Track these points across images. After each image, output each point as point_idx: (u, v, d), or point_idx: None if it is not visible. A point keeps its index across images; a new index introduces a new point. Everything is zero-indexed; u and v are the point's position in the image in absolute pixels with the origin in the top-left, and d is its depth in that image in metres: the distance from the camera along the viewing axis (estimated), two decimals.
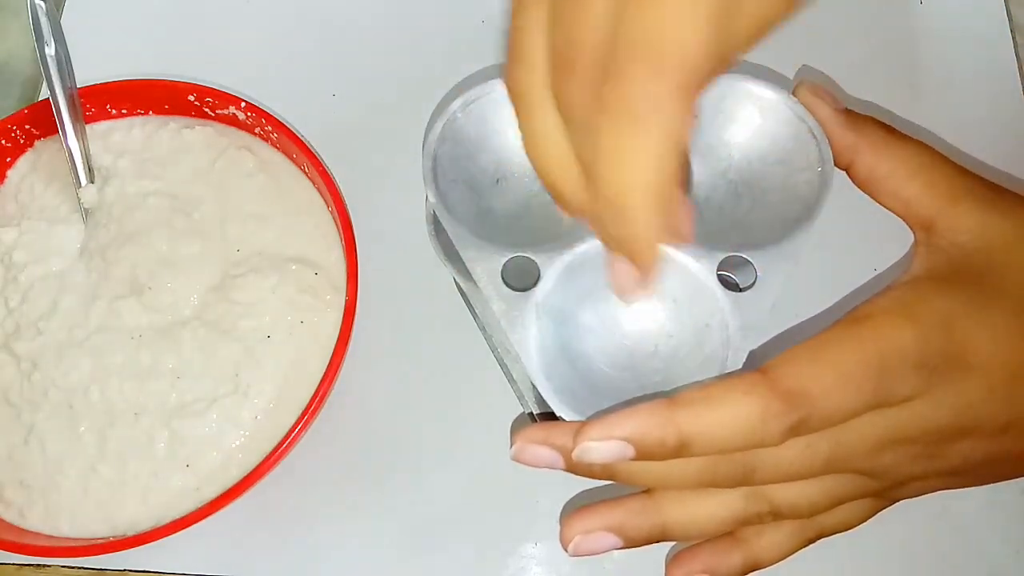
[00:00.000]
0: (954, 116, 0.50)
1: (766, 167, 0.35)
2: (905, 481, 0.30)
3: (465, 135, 0.35)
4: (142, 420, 0.40)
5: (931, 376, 0.27)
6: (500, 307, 0.32)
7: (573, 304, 0.33)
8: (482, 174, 0.36)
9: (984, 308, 0.28)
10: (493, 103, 0.35)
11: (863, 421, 0.27)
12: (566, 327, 0.33)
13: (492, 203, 0.35)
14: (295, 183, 0.46)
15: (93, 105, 0.46)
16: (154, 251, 0.42)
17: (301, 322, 0.42)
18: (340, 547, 0.41)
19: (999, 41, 0.52)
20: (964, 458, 0.29)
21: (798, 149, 0.34)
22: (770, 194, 0.35)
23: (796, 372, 0.27)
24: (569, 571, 0.41)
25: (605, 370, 0.33)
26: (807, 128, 0.34)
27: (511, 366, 0.42)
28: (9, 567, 0.41)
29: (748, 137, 0.35)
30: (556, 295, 0.32)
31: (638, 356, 0.33)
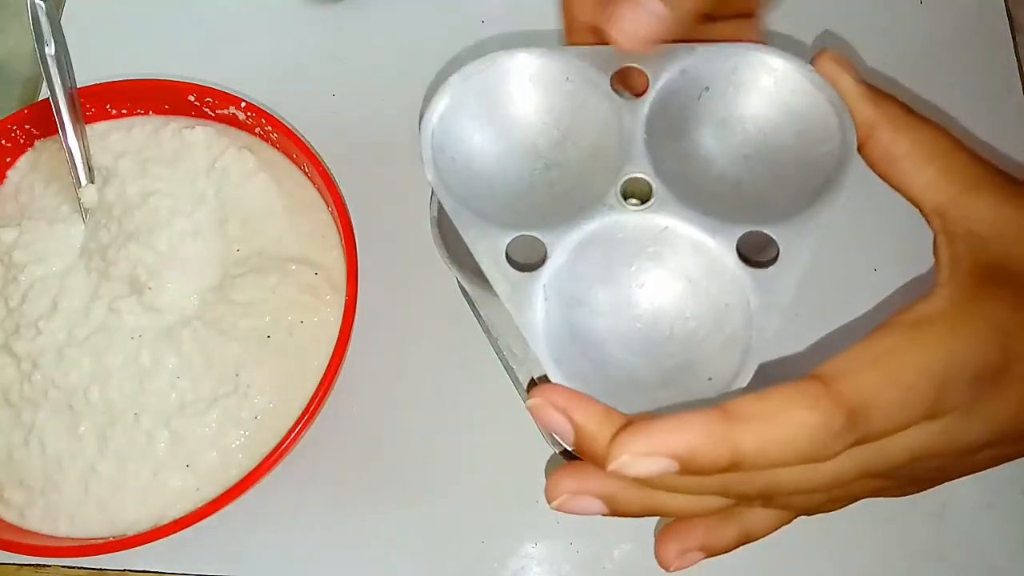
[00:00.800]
0: (954, 116, 0.50)
1: (783, 139, 0.33)
2: (922, 483, 0.30)
3: (464, 109, 0.33)
4: (142, 420, 0.40)
5: (980, 388, 0.26)
6: (504, 289, 0.29)
7: (583, 285, 0.31)
8: (482, 150, 0.34)
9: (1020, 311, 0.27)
10: (493, 76, 0.33)
11: (906, 434, 0.26)
12: (576, 310, 0.31)
13: (494, 181, 0.34)
14: (295, 183, 0.46)
15: (93, 105, 0.46)
16: (154, 251, 0.42)
17: (301, 322, 0.42)
18: (340, 547, 0.41)
19: (999, 41, 0.52)
20: (984, 463, 0.28)
21: (816, 120, 0.32)
22: (789, 167, 0.33)
23: (859, 385, 0.24)
24: (569, 571, 0.41)
25: (618, 355, 0.31)
26: (825, 98, 0.32)
27: (516, 368, 0.42)
28: (9, 567, 0.41)
29: (763, 109, 0.34)
30: (564, 275, 0.30)
31: (653, 339, 0.31)
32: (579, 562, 0.41)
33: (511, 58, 0.33)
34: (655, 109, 0.33)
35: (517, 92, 0.34)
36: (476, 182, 0.33)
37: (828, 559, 0.41)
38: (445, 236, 0.37)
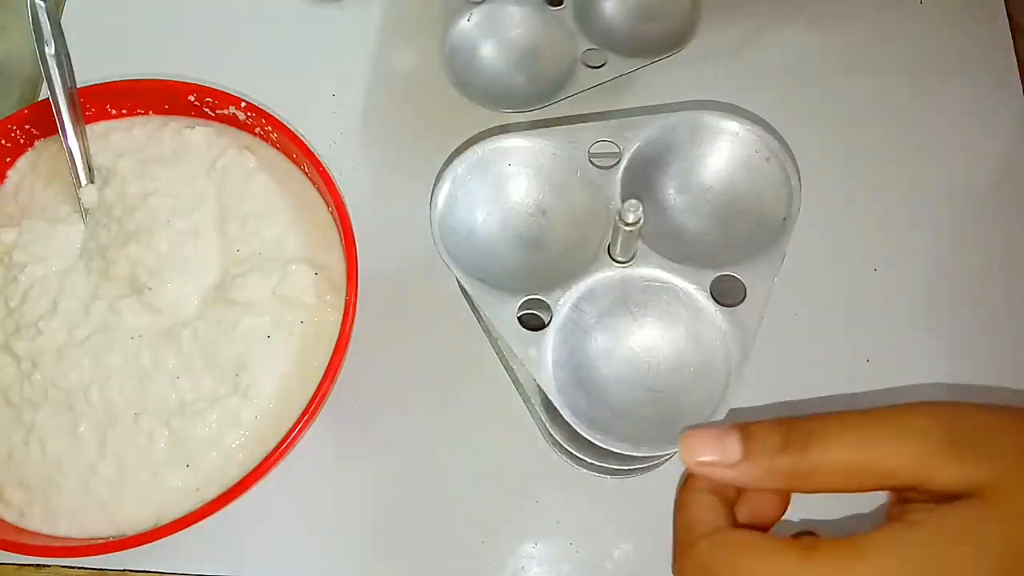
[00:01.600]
0: (954, 116, 0.50)
1: (739, 190, 0.39)
2: None
3: (465, 192, 0.38)
4: (142, 420, 0.40)
5: None
6: (520, 348, 0.35)
7: (584, 334, 0.36)
8: (485, 226, 0.39)
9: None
10: (487, 159, 0.39)
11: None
12: (577, 355, 0.36)
13: (497, 251, 0.39)
14: (295, 183, 0.46)
15: (93, 105, 0.46)
16: (154, 251, 0.42)
17: (301, 322, 0.42)
18: (340, 547, 0.41)
19: (999, 41, 0.52)
20: None
21: (765, 170, 0.38)
22: (746, 214, 0.38)
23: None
24: (569, 571, 0.41)
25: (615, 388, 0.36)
26: (767, 151, 0.38)
27: (516, 368, 0.42)
28: (9, 567, 0.41)
29: (719, 165, 0.39)
30: (568, 328, 0.36)
31: (646, 372, 0.36)
32: (579, 562, 0.41)
33: (503, 140, 0.39)
34: (627, 176, 0.38)
35: (510, 170, 0.39)
36: (481, 254, 0.38)
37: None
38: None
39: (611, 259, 0.37)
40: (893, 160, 0.49)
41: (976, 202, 0.48)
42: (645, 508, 0.42)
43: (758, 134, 0.38)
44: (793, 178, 0.37)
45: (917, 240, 0.47)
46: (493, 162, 0.39)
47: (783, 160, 0.37)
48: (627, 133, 0.38)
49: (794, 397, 0.43)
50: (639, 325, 0.37)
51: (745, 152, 0.38)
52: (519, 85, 0.49)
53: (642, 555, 0.41)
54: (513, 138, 0.38)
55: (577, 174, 0.38)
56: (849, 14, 0.53)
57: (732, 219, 0.39)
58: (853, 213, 0.48)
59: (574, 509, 0.42)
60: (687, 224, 0.39)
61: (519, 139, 0.38)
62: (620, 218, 0.34)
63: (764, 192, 0.38)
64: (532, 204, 0.40)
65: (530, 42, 0.50)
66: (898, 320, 0.46)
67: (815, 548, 0.26)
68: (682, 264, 0.36)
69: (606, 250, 0.36)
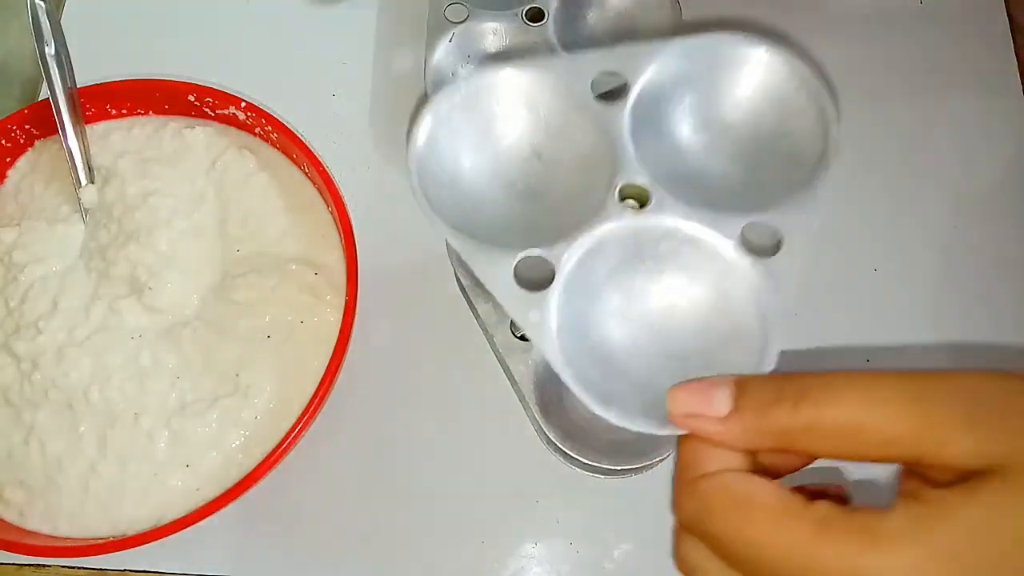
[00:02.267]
0: (954, 116, 0.50)
1: (767, 125, 0.34)
2: None
3: (449, 131, 0.33)
4: (142, 420, 0.40)
5: None
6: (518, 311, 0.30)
7: (593, 295, 0.31)
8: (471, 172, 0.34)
9: None
10: (476, 93, 0.33)
11: None
12: (586, 319, 0.31)
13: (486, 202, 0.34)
14: (295, 183, 0.46)
15: (93, 105, 0.46)
16: (154, 251, 0.42)
17: (301, 322, 0.42)
18: (339, 547, 0.41)
19: (999, 41, 0.52)
20: None
21: (795, 102, 0.33)
22: (775, 153, 0.33)
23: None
24: (569, 571, 0.41)
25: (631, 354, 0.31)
26: (799, 79, 0.32)
27: (512, 367, 0.42)
28: (9, 567, 0.41)
29: (743, 98, 0.34)
30: (573, 288, 0.30)
31: (667, 337, 0.31)
32: (579, 562, 0.41)
33: (493, 73, 0.33)
34: (637, 112, 0.33)
35: (500, 108, 0.33)
36: (468, 205, 0.33)
37: None
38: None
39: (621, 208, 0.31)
40: (892, 160, 0.49)
41: (976, 202, 0.48)
42: (645, 508, 0.42)
43: (787, 61, 0.33)
44: (829, 110, 0.32)
45: (917, 240, 0.47)
46: (480, 99, 0.33)
47: (816, 91, 0.32)
48: (635, 62, 0.33)
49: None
50: (657, 282, 0.32)
51: (772, 82, 0.33)
52: None
53: (642, 555, 0.41)
54: (504, 70, 0.33)
55: (578, 111, 0.33)
56: (848, 15, 0.53)
57: (760, 159, 0.34)
58: (853, 213, 0.48)
59: (574, 509, 0.42)
60: (708, 166, 0.34)
61: (511, 71, 0.33)
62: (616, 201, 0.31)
63: (796, 128, 0.33)
64: (527, 147, 0.34)
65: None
66: (898, 320, 0.46)
67: (829, 526, 0.22)
68: (707, 211, 0.30)
69: (615, 195, 0.31)
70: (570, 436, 0.37)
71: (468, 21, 0.48)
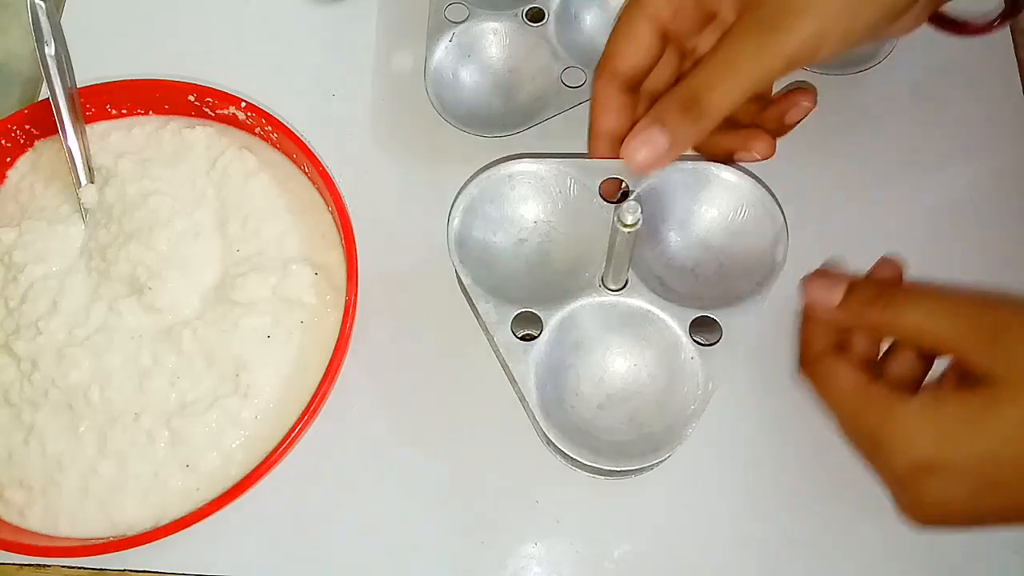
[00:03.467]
0: (954, 117, 0.50)
1: (733, 237, 0.42)
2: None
3: (479, 211, 0.41)
4: (142, 420, 0.40)
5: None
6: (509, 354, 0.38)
7: (569, 350, 0.40)
8: (496, 244, 0.42)
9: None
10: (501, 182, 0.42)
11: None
12: (560, 369, 0.39)
13: (505, 268, 0.42)
14: (295, 183, 0.46)
15: (93, 105, 0.46)
16: (154, 251, 0.42)
17: (301, 322, 0.42)
18: (339, 547, 0.41)
19: (999, 42, 0.52)
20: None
21: (758, 228, 0.41)
22: (734, 264, 0.41)
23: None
24: (569, 571, 0.41)
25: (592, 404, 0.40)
26: (766, 211, 0.41)
27: (512, 367, 0.42)
28: (9, 567, 0.41)
29: (715, 217, 0.42)
30: (555, 342, 0.39)
31: (621, 392, 0.40)
32: (579, 562, 0.41)
33: (515, 165, 0.41)
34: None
35: (521, 195, 0.42)
36: (490, 268, 0.41)
37: (829, 558, 0.41)
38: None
39: (604, 287, 0.40)
40: (892, 160, 0.49)
41: (977, 203, 0.48)
42: (645, 508, 0.42)
43: (750, 186, 0.41)
44: (778, 224, 0.40)
45: (917, 240, 0.47)
46: (505, 185, 0.42)
47: (772, 213, 0.41)
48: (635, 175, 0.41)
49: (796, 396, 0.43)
50: (620, 348, 0.40)
51: (738, 202, 0.41)
52: (499, 107, 0.49)
53: (642, 555, 0.41)
54: (527, 164, 0.41)
55: (586, 205, 0.41)
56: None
57: (722, 263, 0.42)
58: (853, 213, 0.48)
59: (574, 509, 0.42)
60: (680, 263, 0.42)
61: (532, 165, 0.41)
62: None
63: (753, 242, 0.41)
64: (540, 229, 0.43)
65: (511, 62, 0.49)
66: None
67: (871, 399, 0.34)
68: (667, 300, 0.39)
69: (599, 280, 0.40)
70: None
71: (468, 21, 0.49)
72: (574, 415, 0.39)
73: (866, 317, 0.35)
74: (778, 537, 0.42)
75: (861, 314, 0.35)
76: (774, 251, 0.40)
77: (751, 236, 0.41)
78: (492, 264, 0.42)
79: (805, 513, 0.42)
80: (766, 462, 0.43)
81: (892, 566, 0.41)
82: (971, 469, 0.32)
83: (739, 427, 0.43)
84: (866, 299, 0.35)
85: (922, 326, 0.34)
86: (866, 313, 0.35)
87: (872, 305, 0.35)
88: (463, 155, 0.49)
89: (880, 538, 0.41)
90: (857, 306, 0.35)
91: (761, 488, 0.42)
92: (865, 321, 0.36)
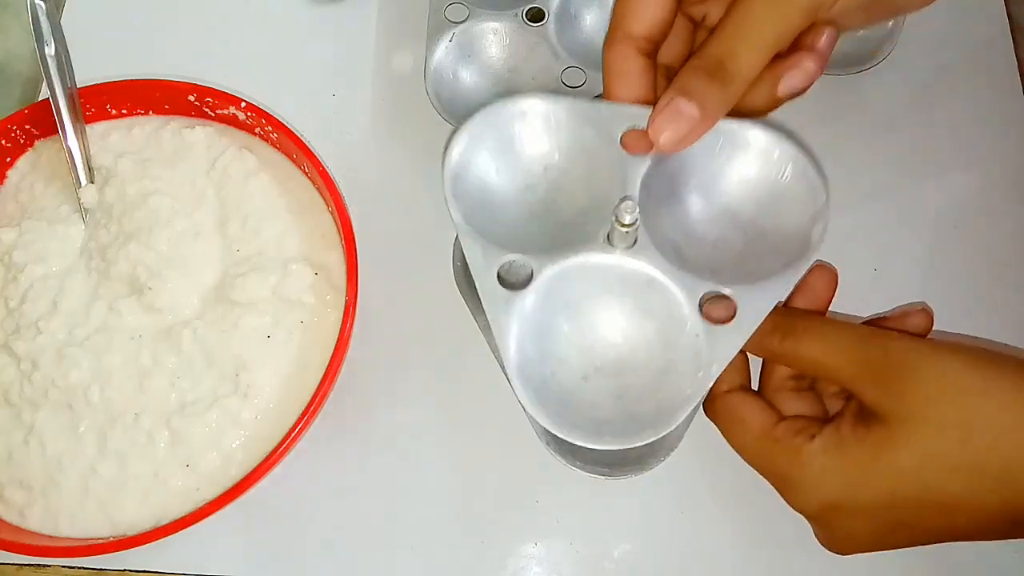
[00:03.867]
0: (954, 116, 0.50)
1: (762, 206, 0.37)
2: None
3: (481, 146, 0.37)
4: (142, 420, 0.40)
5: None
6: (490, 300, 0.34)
7: (558, 309, 0.35)
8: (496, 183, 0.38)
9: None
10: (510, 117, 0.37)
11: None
12: (546, 329, 0.35)
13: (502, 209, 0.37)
14: (295, 183, 0.46)
15: (93, 105, 0.46)
16: (154, 251, 0.42)
17: (301, 322, 0.42)
18: (340, 547, 0.41)
19: (999, 41, 0.52)
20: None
21: (790, 196, 0.36)
22: (760, 237, 0.36)
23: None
24: (569, 571, 0.41)
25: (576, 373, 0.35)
26: (801, 168, 0.35)
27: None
28: (9, 567, 0.41)
29: (744, 181, 0.37)
30: (543, 298, 0.34)
31: (611, 363, 0.35)
32: (579, 562, 0.41)
33: (527, 100, 0.36)
34: (652, 169, 0.35)
35: (529, 133, 0.37)
36: (487, 209, 0.36)
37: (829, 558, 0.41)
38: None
39: (609, 243, 0.34)
40: (892, 160, 0.49)
41: (976, 203, 0.48)
42: (645, 508, 0.42)
43: (791, 152, 0.35)
44: (820, 201, 0.35)
45: (917, 240, 0.47)
46: (514, 121, 0.37)
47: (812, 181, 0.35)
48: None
49: None
50: (617, 315, 0.35)
51: (771, 168, 0.36)
52: None
53: (642, 555, 0.41)
54: (539, 100, 0.36)
55: (603, 152, 0.36)
56: None
57: (747, 236, 0.37)
58: (852, 213, 0.48)
59: (574, 509, 0.42)
60: (698, 232, 0.37)
61: (546, 102, 0.36)
62: (616, 218, 0.33)
63: (785, 213, 0.36)
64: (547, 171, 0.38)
65: (511, 62, 0.49)
66: None
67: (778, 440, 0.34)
68: (680, 270, 0.34)
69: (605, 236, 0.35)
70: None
71: (468, 21, 0.48)
72: (554, 383, 0.34)
73: (766, 347, 0.35)
74: (778, 537, 0.42)
75: (760, 344, 0.34)
76: (811, 230, 0.35)
77: (786, 210, 0.36)
78: (490, 207, 0.37)
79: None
80: None
81: (892, 565, 0.41)
82: (875, 510, 0.32)
83: None
84: (765, 330, 0.33)
85: (818, 359, 0.33)
86: (765, 343, 0.34)
87: (771, 335, 0.34)
88: None
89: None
90: (757, 336, 0.33)
91: (760, 488, 0.42)
92: (765, 352, 0.35)
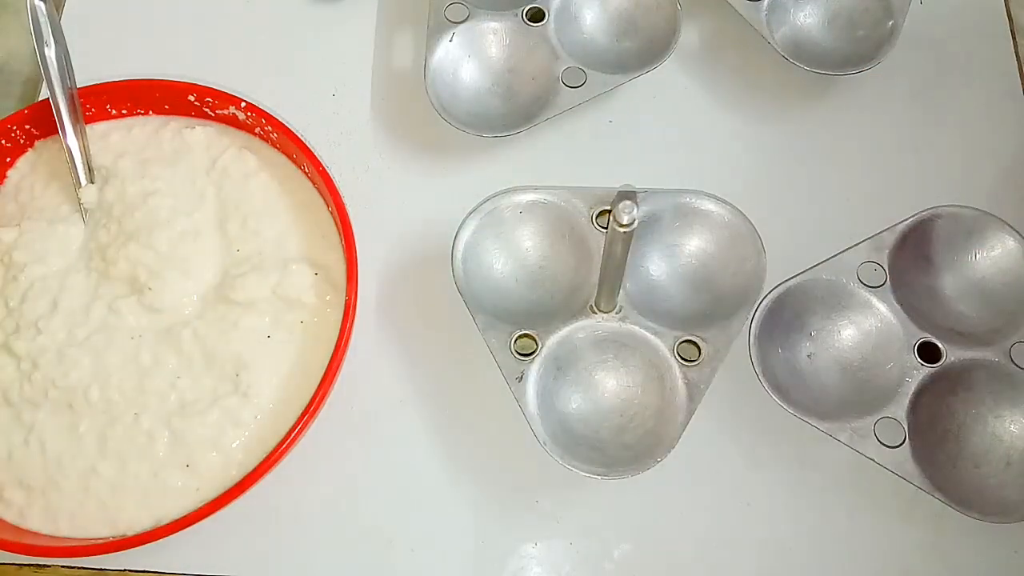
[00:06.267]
0: (954, 116, 0.50)
1: (712, 267, 0.44)
2: None
3: (483, 239, 0.43)
4: (142, 420, 0.40)
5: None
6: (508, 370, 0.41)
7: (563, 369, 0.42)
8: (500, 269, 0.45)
9: None
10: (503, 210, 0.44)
11: None
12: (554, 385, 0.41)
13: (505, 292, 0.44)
14: (295, 183, 0.46)
15: (93, 105, 0.46)
16: (154, 251, 0.42)
17: (301, 322, 0.42)
18: (339, 547, 0.41)
19: (999, 41, 0.52)
20: None
21: (737, 248, 0.43)
22: (713, 289, 0.44)
23: None
24: (569, 571, 0.41)
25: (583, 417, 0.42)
26: (747, 237, 0.43)
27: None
28: (9, 567, 0.41)
29: (697, 243, 0.44)
30: (550, 361, 0.41)
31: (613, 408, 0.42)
32: (579, 562, 0.41)
33: (515, 195, 0.44)
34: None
35: (521, 223, 0.44)
36: (493, 291, 0.44)
37: (830, 559, 0.41)
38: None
39: (596, 310, 0.42)
40: (892, 159, 0.49)
41: (977, 202, 0.48)
42: (645, 508, 0.42)
43: (732, 216, 0.43)
44: (760, 258, 0.42)
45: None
46: (507, 213, 0.44)
47: (754, 242, 0.42)
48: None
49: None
50: (612, 366, 0.42)
51: (720, 232, 0.44)
52: (499, 107, 0.49)
53: (642, 555, 0.41)
54: (526, 194, 0.44)
55: (581, 232, 0.44)
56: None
57: (703, 288, 0.44)
58: (852, 212, 0.48)
59: (574, 509, 0.42)
60: (663, 289, 0.44)
61: (530, 194, 0.44)
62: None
63: (733, 267, 0.43)
64: (539, 256, 0.45)
65: (511, 62, 0.49)
66: None
67: None
68: (656, 324, 0.42)
69: (591, 305, 0.42)
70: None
71: (468, 21, 0.49)
72: (568, 426, 0.40)
73: None
74: (776, 536, 0.42)
75: None
76: (753, 281, 0.42)
77: (731, 266, 0.43)
78: (494, 288, 0.44)
79: (803, 512, 0.42)
80: (764, 462, 0.43)
81: (891, 565, 0.41)
82: None
83: (737, 429, 0.43)
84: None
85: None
86: None
87: None
88: (463, 155, 0.49)
89: (878, 537, 0.41)
90: None
91: (760, 487, 0.42)
92: None
